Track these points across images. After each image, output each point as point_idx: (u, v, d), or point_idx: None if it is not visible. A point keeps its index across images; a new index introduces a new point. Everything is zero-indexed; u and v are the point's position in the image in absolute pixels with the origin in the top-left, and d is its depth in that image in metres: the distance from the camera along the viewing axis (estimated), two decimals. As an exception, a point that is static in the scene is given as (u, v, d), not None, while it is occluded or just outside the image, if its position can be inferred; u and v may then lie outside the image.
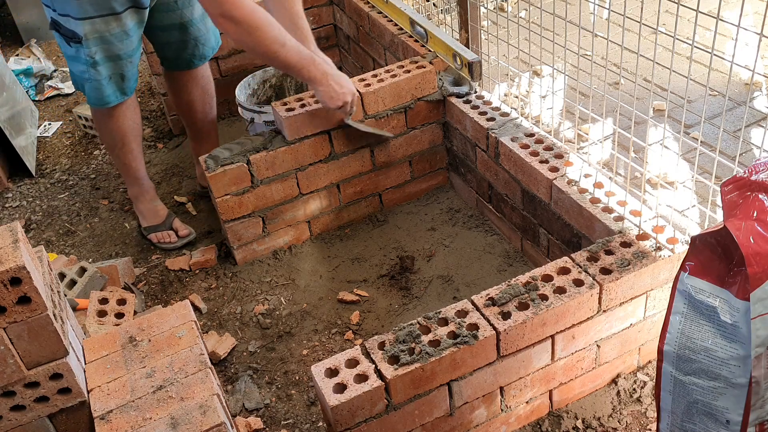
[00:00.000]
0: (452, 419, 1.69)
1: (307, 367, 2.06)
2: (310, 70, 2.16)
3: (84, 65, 2.27)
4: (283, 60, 2.12)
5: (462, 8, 2.41)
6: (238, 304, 2.30)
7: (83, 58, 2.25)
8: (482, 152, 2.33)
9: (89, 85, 2.32)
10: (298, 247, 2.50)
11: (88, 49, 2.22)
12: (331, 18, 3.31)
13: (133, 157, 2.54)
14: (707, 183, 1.76)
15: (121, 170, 2.59)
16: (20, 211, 2.93)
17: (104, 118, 2.44)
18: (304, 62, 2.14)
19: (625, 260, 1.70)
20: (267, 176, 2.32)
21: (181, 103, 2.68)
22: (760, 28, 1.41)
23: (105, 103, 2.36)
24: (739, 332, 1.25)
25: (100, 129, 2.52)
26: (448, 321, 1.62)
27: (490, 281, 2.25)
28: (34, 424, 1.44)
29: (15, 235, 1.35)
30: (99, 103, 2.36)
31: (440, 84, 2.45)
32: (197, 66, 2.60)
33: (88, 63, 2.26)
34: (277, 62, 2.13)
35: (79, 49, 2.24)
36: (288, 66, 2.14)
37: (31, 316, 1.33)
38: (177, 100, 2.68)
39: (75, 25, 2.18)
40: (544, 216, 2.12)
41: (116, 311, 2.08)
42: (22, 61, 3.82)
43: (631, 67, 3.02)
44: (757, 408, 1.32)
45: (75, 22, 2.18)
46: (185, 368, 1.50)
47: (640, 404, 1.83)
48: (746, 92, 2.86)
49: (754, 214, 1.25)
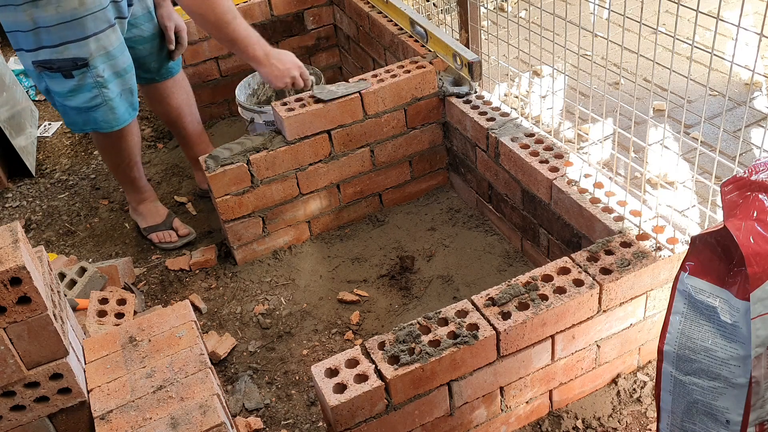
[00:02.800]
0: (452, 419, 1.69)
1: (307, 367, 2.06)
2: (255, 48, 2.25)
3: (92, 90, 2.19)
4: (232, 32, 2.20)
5: (462, 8, 2.41)
6: (238, 304, 2.31)
7: (90, 83, 2.17)
8: (482, 152, 2.33)
9: (101, 111, 2.24)
10: (298, 247, 2.50)
11: (95, 69, 2.16)
12: (331, 18, 3.31)
13: (138, 169, 2.54)
14: (707, 183, 1.77)
15: (124, 183, 2.57)
16: (20, 211, 2.93)
17: (114, 141, 2.37)
18: (250, 39, 2.24)
19: (625, 260, 1.70)
20: (267, 176, 2.32)
21: (170, 111, 2.63)
22: (760, 28, 1.41)
23: (121, 123, 2.29)
24: (739, 332, 1.25)
25: (107, 152, 2.45)
26: (448, 321, 1.62)
27: (490, 281, 2.25)
28: (34, 424, 1.44)
29: (15, 235, 1.35)
30: (113, 125, 2.29)
31: (440, 84, 2.45)
32: (178, 71, 2.60)
33: (97, 85, 2.19)
34: (225, 33, 2.21)
35: (84, 75, 2.16)
36: (235, 40, 2.23)
37: (31, 316, 1.33)
38: (164, 109, 2.63)
39: (77, 49, 2.11)
40: (544, 216, 2.12)
41: (116, 311, 2.08)
42: (22, 61, 3.82)
43: (631, 67, 3.02)
44: (757, 408, 1.32)
45: (76, 46, 2.11)
46: (185, 368, 1.50)
47: (640, 404, 1.83)
48: (746, 92, 2.86)
49: (754, 214, 1.25)
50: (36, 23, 2.06)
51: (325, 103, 2.29)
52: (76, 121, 2.28)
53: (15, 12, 2.06)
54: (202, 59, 3.14)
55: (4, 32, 2.32)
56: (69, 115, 2.27)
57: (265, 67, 2.30)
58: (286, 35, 3.26)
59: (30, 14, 2.05)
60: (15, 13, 2.06)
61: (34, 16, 2.05)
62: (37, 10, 2.04)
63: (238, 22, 2.21)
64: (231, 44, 2.26)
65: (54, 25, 2.07)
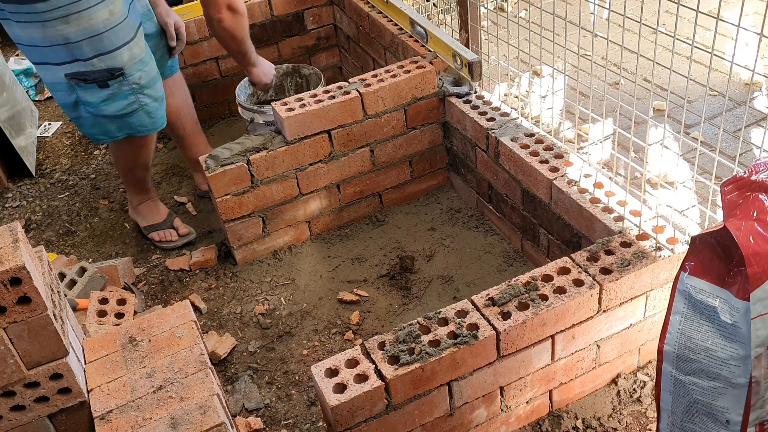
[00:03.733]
0: (452, 419, 1.69)
1: (307, 367, 2.06)
2: (253, 55, 2.63)
3: (128, 97, 2.20)
4: (246, 45, 2.55)
5: (462, 8, 2.41)
6: (238, 304, 2.31)
7: (126, 90, 2.18)
8: (482, 152, 2.33)
9: (137, 116, 2.25)
10: (298, 247, 2.50)
11: (131, 76, 2.17)
12: (331, 18, 3.31)
13: (148, 172, 2.55)
14: (707, 183, 1.76)
15: (132, 185, 2.57)
16: (20, 211, 2.93)
17: (138, 146, 2.39)
18: (251, 48, 2.60)
19: (625, 260, 1.70)
20: (267, 176, 2.32)
21: (169, 112, 2.60)
22: (760, 28, 1.41)
23: (158, 125, 2.34)
24: (739, 332, 1.25)
25: (127, 156, 2.44)
26: (448, 321, 1.62)
27: (490, 281, 2.25)
28: (34, 424, 1.44)
29: (15, 235, 1.35)
30: (150, 129, 2.32)
31: (440, 84, 2.45)
32: (177, 70, 2.63)
33: (134, 92, 2.20)
34: (242, 47, 2.54)
35: (121, 83, 2.16)
36: (245, 51, 2.57)
37: (31, 316, 1.33)
38: None
39: (111, 60, 2.11)
40: (544, 216, 2.12)
41: (116, 311, 2.08)
42: (22, 61, 3.82)
43: (631, 67, 3.02)
44: (757, 408, 1.32)
45: (110, 57, 2.11)
46: (185, 368, 1.50)
47: (640, 404, 1.83)
48: (746, 92, 2.86)
49: (754, 214, 1.25)
50: (67, 39, 2.04)
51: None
52: (108, 129, 2.27)
53: (43, 28, 2.02)
54: (202, 59, 3.14)
55: (3, 32, 2.30)
56: (101, 125, 2.25)
57: (257, 68, 2.68)
58: (286, 35, 3.26)
59: (60, 30, 2.03)
60: (43, 30, 2.02)
61: (65, 32, 2.03)
62: (67, 26, 2.02)
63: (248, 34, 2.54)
64: (239, 54, 2.58)
65: (85, 39, 2.06)
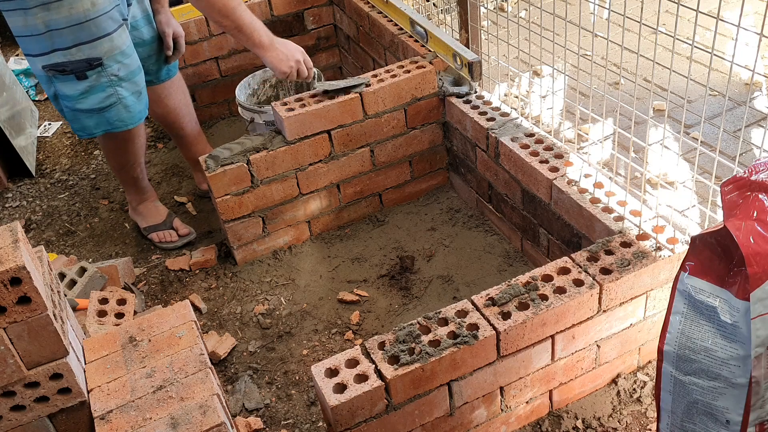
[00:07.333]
0: (452, 419, 1.69)
1: (307, 367, 2.06)
2: (260, 34, 2.28)
3: (105, 90, 2.18)
4: (238, 18, 2.22)
5: (462, 8, 2.41)
6: (238, 304, 2.31)
7: (104, 82, 2.17)
8: (482, 152, 2.33)
9: (114, 110, 2.23)
10: (298, 247, 2.50)
11: (110, 68, 2.16)
12: (331, 18, 3.31)
13: (141, 169, 2.54)
14: (707, 183, 1.76)
15: (127, 184, 2.57)
16: (20, 211, 2.93)
17: (122, 142, 2.37)
18: (255, 25, 2.26)
19: (625, 260, 1.70)
20: (267, 176, 2.33)
21: (168, 113, 2.63)
22: (760, 28, 1.41)
23: (136, 121, 2.29)
24: (739, 332, 1.25)
25: (114, 153, 2.44)
26: (448, 321, 1.62)
27: (490, 281, 2.25)
28: (34, 424, 1.44)
29: (15, 235, 1.35)
30: (128, 124, 2.28)
31: (440, 84, 2.45)
32: (176, 73, 2.61)
33: (112, 84, 2.18)
34: (232, 19, 2.22)
35: (99, 75, 2.15)
36: (240, 26, 2.24)
37: (31, 316, 1.33)
38: (162, 111, 2.63)
39: (90, 49, 2.11)
40: (544, 216, 2.12)
41: (116, 311, 2.08)
42: (22, 61, 3.82)
43: (631, 67, 3.02)
44: (757, 408, 1.32)
45: (90, 46, 2.10)
46: (185, 368, 1.50)
47: (640, 404, 1.83)
48: (746, 92, 2.86)
49: (754, 214, 1.25)
50: (48, 26, 2.04)
51: (330, 95, 2.30)
52: (86, 125, 2.25)
53: (25, 16, 2.04)
54: (202, 59, 3.14)
55: (3, 32, 2.31)
56: (79, 120, 2.24)
57: (270, 52, 2.30)
58: (286, 35, 3.25)
59: (41, 18, 2.03)
60: (25, 18, 2.04)
61: (46, 19, 2.03)
62: (48, 13, 2.02)
63: (243, 8, 2.23)
64: (237, 31, 2.26)
65: (66, 27, 2.05)
